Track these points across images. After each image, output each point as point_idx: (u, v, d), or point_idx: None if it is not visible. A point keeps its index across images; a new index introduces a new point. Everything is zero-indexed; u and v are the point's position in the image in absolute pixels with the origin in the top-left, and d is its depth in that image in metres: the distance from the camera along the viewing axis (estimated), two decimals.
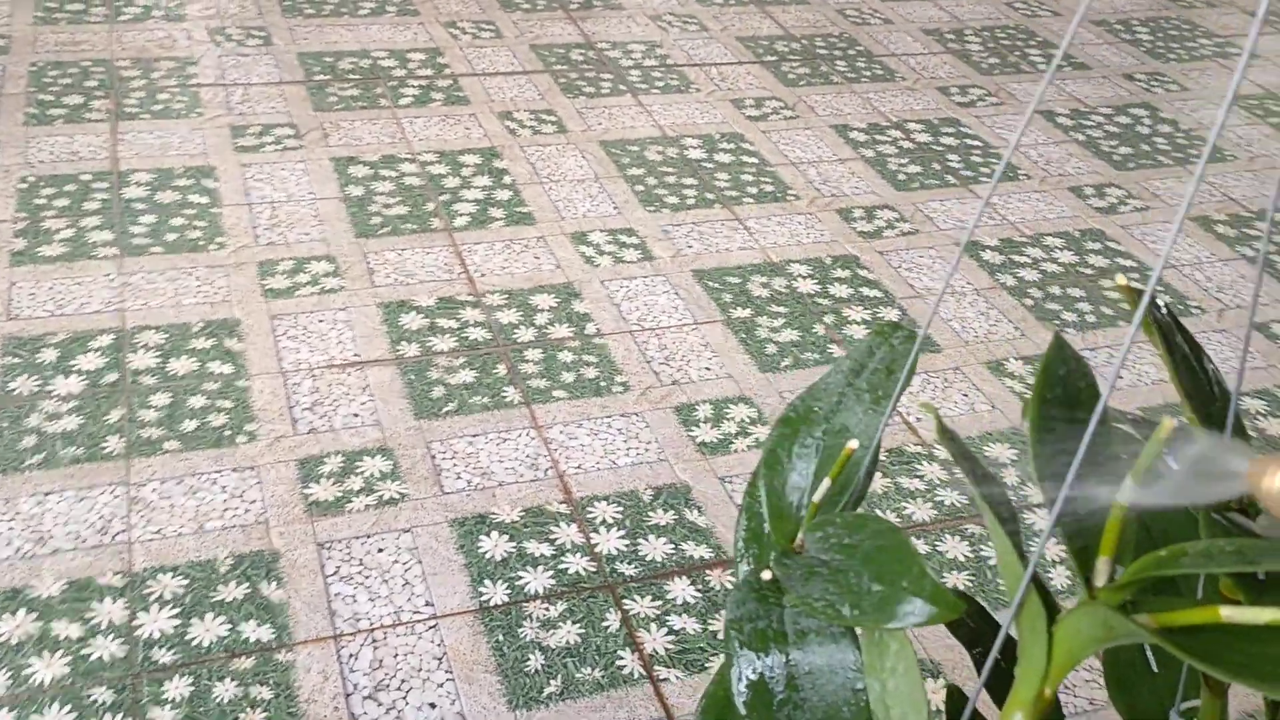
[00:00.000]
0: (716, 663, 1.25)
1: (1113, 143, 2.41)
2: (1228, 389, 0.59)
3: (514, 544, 1.37)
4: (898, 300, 1.85)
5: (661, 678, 1.23)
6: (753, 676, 0.60)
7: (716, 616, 1.30)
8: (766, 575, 0.57)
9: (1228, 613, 0.41)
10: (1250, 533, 0.51)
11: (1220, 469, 0.43)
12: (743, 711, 0.60)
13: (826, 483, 0.60)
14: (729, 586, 1.34)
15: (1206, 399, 0.59)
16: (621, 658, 1.25)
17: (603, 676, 1.23)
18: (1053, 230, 2.07)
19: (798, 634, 0.61)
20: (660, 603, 1.31)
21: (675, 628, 1.29)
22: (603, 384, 1.63)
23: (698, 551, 1.38)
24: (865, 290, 1.87)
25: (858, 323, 1.79)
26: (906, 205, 2.12)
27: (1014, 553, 0.47)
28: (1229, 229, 2.13)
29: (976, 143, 2.36)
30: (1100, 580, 0.46)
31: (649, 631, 1.28)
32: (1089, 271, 1.95)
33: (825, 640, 0.60)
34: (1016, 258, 1.98)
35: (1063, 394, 0.50)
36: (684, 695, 1.21)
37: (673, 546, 1.39)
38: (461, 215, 1.97)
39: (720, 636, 1.28)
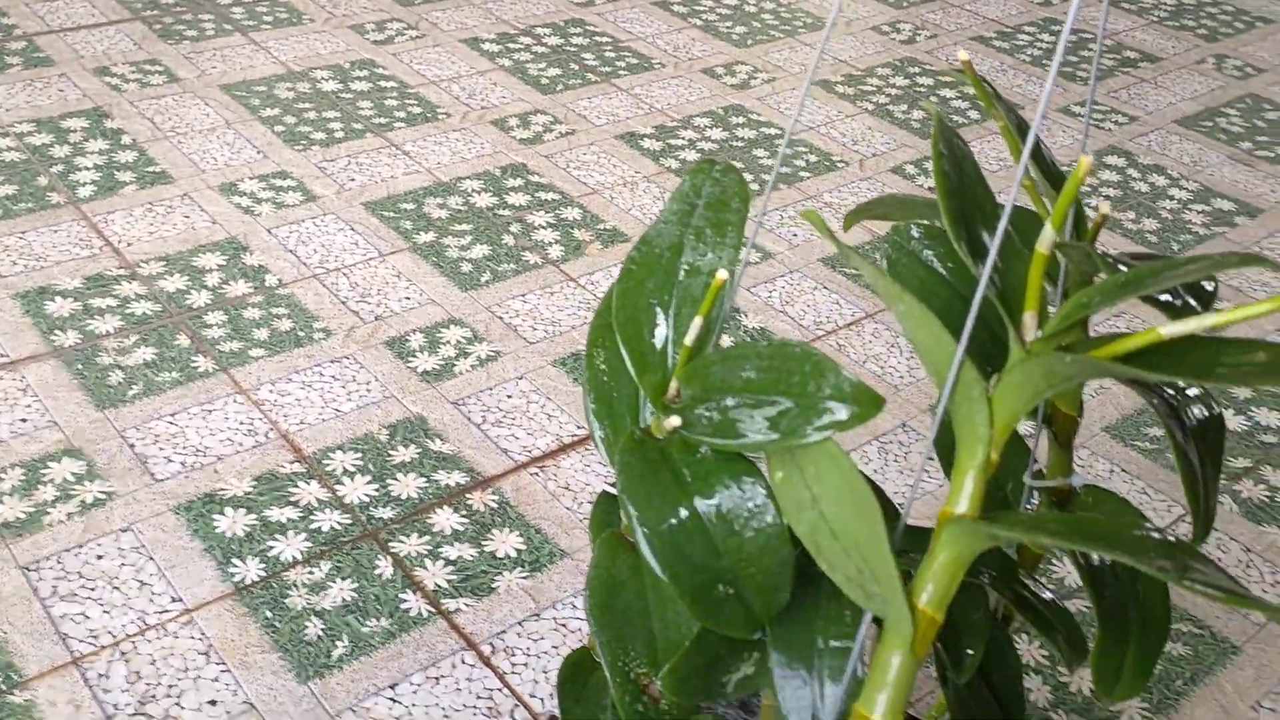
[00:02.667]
0: (503, 581, 1.21)
1: (728, 24, 2.51)
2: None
3: (254, 516, 1.26)
4: (575, 199, 1.85)
5: (452, 610, 1.18)
6: (663, 538, 0.57)
7: (489, 538, 1.26)
8: (673, 421, 0.54)
9: (1167, 330, 0.43)
10: None
11: None
12: (665, 577, 0.57)
13: (698, 321, 0.57)
14: (492, 506, 1.30)
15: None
16: (405, 600, 1.18)
17: (391, 624, 1.16)
18: (698, 111, 2.14)
19: (698, 480, 0.58)
20: (428, 538, 1.25)
21: (451, 558, 1.23)
22: (301, 334, 1.52)
23: (451, 479, 1.33)
24: (542, 195, 1.85)
25: (544, 227, 1.77)
26: (557, 107, 2.11)
27: (945, 332, 0.47)
28: (848, 88, 2.28)
29: (606, 39, 2.38)
30: (1030, 334, 0.47)
31: (425, 568, 1.22)
32: (740, 144, 2.03)
33: (729, 478, 0.58)
34: (674, 141, 2.03)
35: (948, 152, 0.51)
36: (480, 621, 1.17)
37: (425, 480, 1.32)
38: (84, 185, 1.76)
39: (500, 555, 1.24)
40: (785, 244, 1.79)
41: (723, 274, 0.55)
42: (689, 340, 0.57)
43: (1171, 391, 0.61)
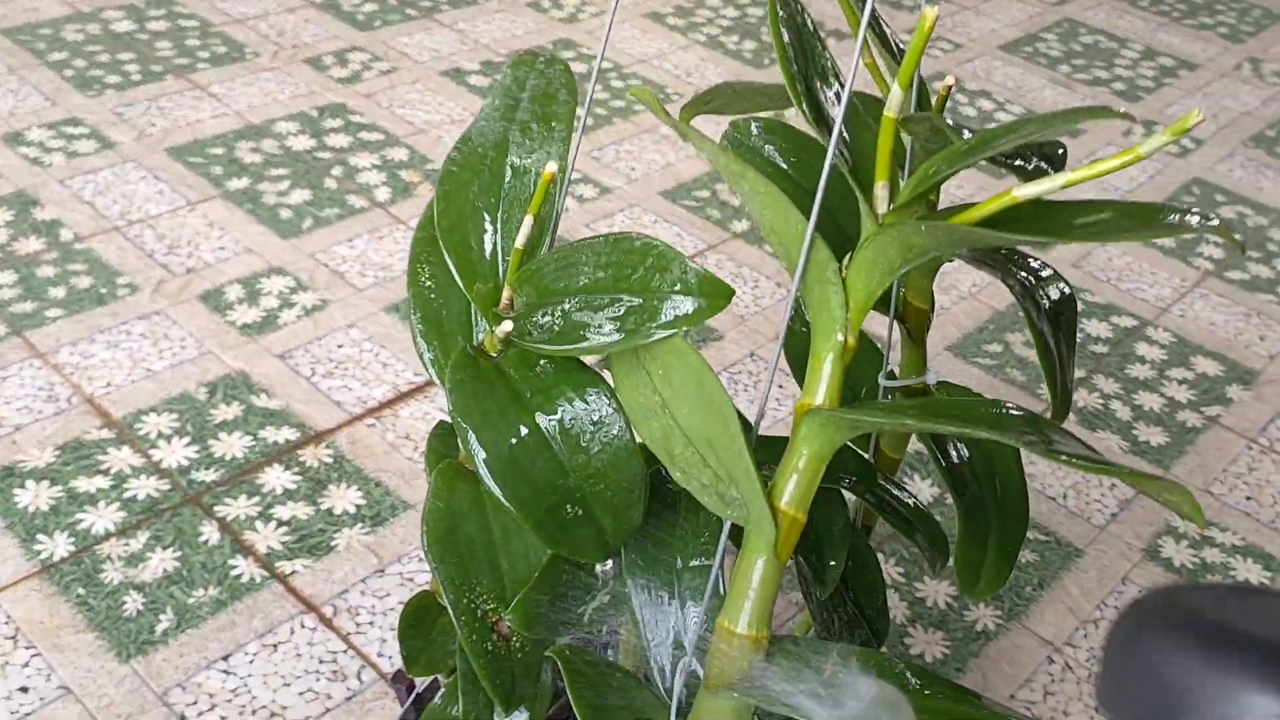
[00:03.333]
0: (342, 539, 1.14)
1: None
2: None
3: (59, 488, 1.15)
4: (401, 139, 1.76)
5: (288, 572, 1.10)
6: (503, 460, 0.52)
7: (325, 494, 1.18)
8: (505, 327, 0.49)
9: (1021, 191, 0.40)
10: None
11: None
12: (506, 501, 0.52)
13: (528, 221, 0.52)
14: (327, 461, 1.22)
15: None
16: (235, 566, 1.10)
17: (220, 593, 1.07)
18: (526, 46, 2.06)
19: (538, 395, 0.53)
20: (258, 499, 1.17)
21: (284, 518, 1.15)
22: (104, 291, 1.40)
23: (280, 435, 1.24)
24: (365, 135, 1.75)
25: (369, 168, 1.68)
26: (376, 44, 2.00)
27: (794, 208, 0.43)
28: (678, 20, 2.24)
29: None
30: (881, 206, 0.43)
31: (256, 531, 1.14)
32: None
33: (571, 390, 0.53)
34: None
35: (785, 12, 0.46)
36: (319, 582, 1.10)
37: (251, 438, 1.23)
38: None
39: (338, 512, 1.17)
40: (623, 178, 1.74)
41: (552, 167, 0.50)
42: (519, 242, 0.52)
43: (1025, 274, 0.59)
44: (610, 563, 0.62)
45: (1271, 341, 1.57)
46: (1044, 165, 0.54)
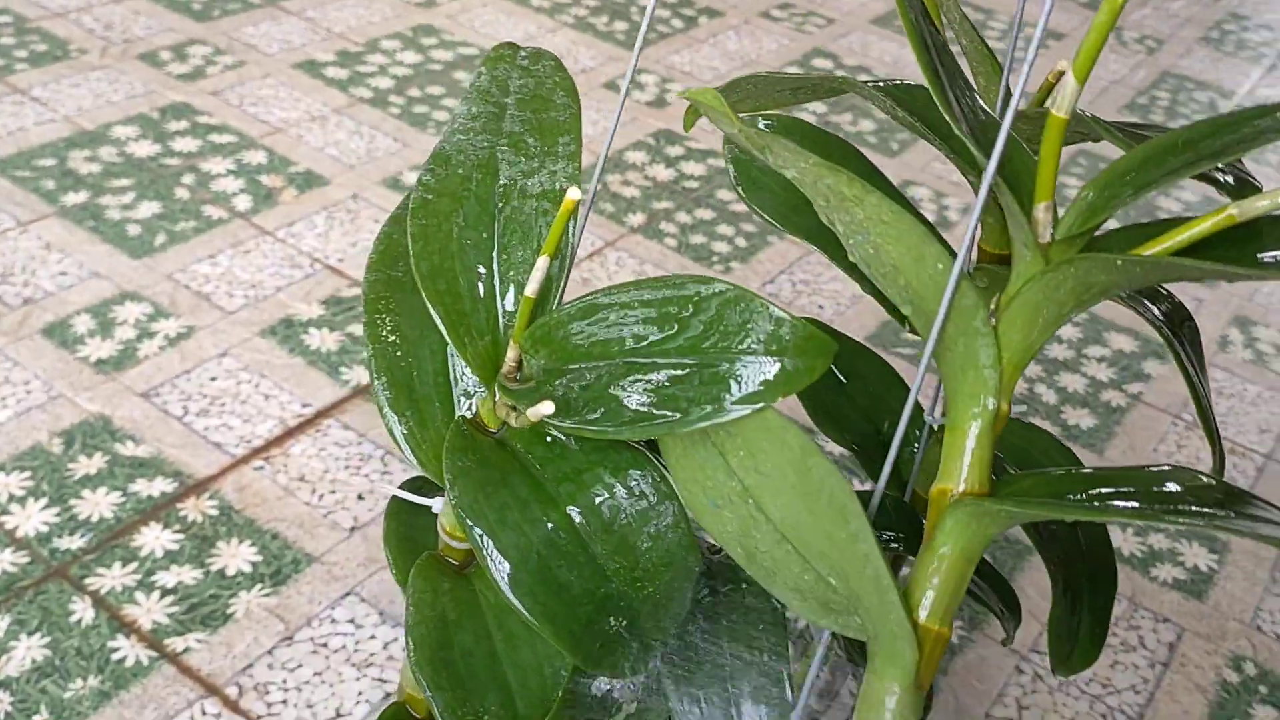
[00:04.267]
0: (239, 604, 1.00)
1: None
2: None
3: None
4: (258, 141, 1.59)
5: (180, 650, 0.96)
6: (529, 569, 0.41)
7: (214, 553, 1.04)
8: (545, 409, 0.38)
9: (1241, 208, 0.31)
10: None
11: None
12: (536, 621, 0.41)
13: (542, 263, 0.41)
14: (212, 514, 1.07)
15: None
16: (117, 648, 0.95)
17: (102, 682, 0.92)
18: (384, 34, 1.91)
19: (565, 480, 0.42)
20: (136, 565, 1.02)
21: (169, 586, 1.00)
22: None
23: (154, 488, 1.09)
24: (215, 138, 1.58)
25: (224, 175, 1.51)
26: (218, 36, 1.82)
27: (932, 239, 0.33)
28: (544, 2, 2.12)
29: None
30: (1045, 233, 0.34)
31: (137, 604, 0.99)
32: (438, 67, 1.83)
33: (609, 474, 0.42)
34: (361, 69, 1.80)
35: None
36: (218, 658, 0.96)
37: (120, 494, 1.08)
38: None
39: (231, 573, 1.02)
40: None
41: (574, 194, 0.39)
42: (530, 290, 0.41)
43: (1167, 306, 0.51)
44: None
45: None
46: (1243, 174, 0.46)
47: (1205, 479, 0.36)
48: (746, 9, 2.20)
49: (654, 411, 0.37)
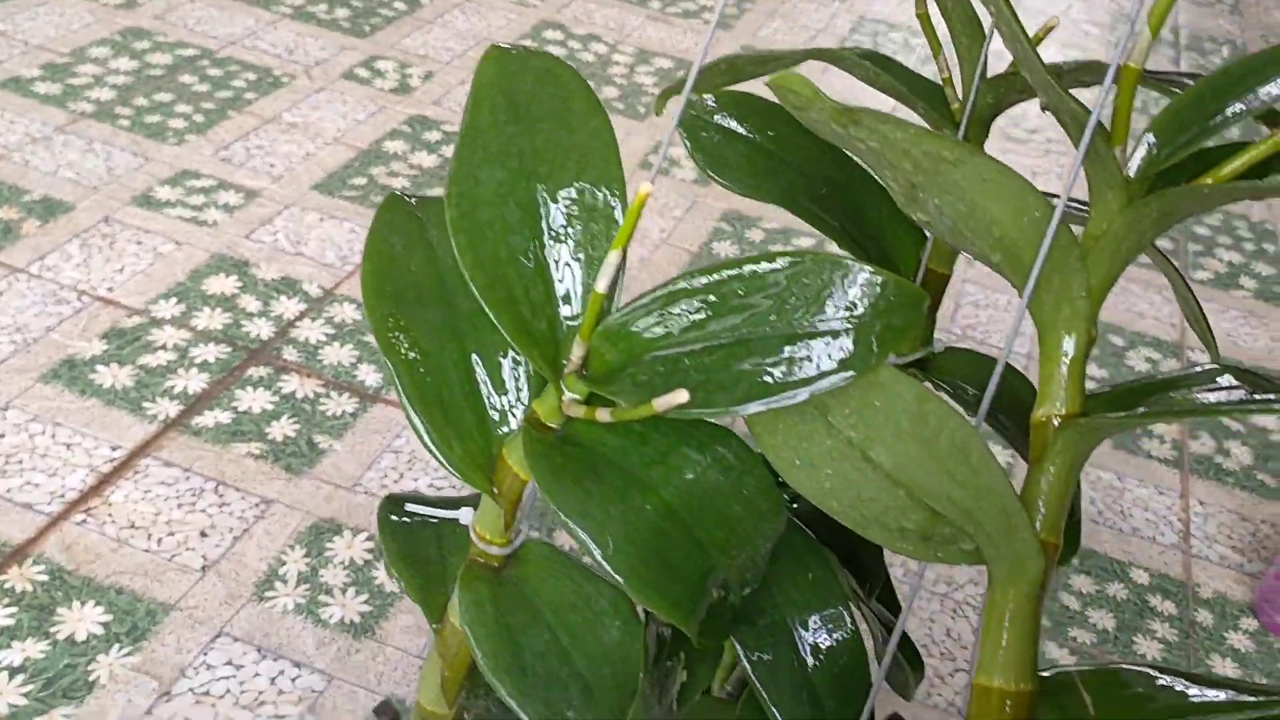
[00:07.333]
0: (100, 669, 0.92)
1: None
2: None
3: None
4: None
5: None
6: (643, 558, 0.42)
7: (57, 621, 0.95)
8: (678, 398, 0.38)
9: None
10: None
11: None
12: (660, 608, 0.42)
13: (613, 257, 0.41)
14: (43, 580, 0.98)
15: None
16: None
17: None
18: (89, 41, 1.76)
19: (654, 464, 0.44)
20: None
21: (16, 664, 0.92)
22: None
23: None
24: None
25: None
26: None
27: (1032, 189, 0.37)
28: None
29: None
30: (1125, 172, 0.38)
31: None
32: (159, 73, 1.71)
33: (695, 450, 0.44)
34: (75, 81, 1.66)
35: None
36: None
37: None
38: None
39: (82, 637, 0.94)
40: (267, 177, 1.54)
41: (647, 186, 0.40)
42: (601, 285, 0.41)
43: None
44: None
45: None
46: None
47: (1245, 370, 0.42)
48: None
49: (768, 383, 0.39)
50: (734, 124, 0.55)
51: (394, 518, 0.57)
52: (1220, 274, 1.73)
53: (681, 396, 0.38)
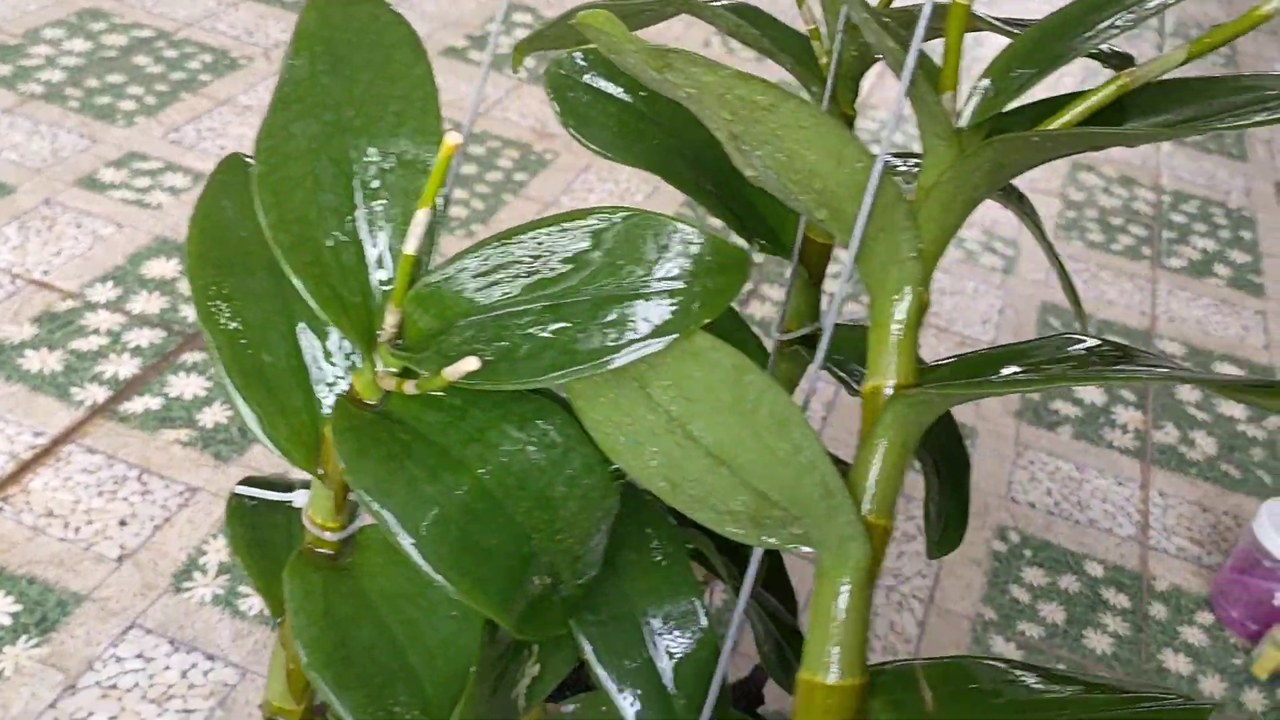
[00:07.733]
0: (6, 661, 0.89)
1: None
2: None
3: None
4: None
5: None
6: (453, 544, 0.39)
7: None
8: (467, 365, 0.35)
9: (1129, 76, 0.33)
10: None
11: None
12: (461, 594, 0.39)
13: (421, 215, 0.38)
14: None
15: None
16: None
17: None
18: (44, 21, 1.73)
19: (470, 442, 0.40)
20: None
21: None
22: None
23: None
24: None
25: None
26: None
27: (852, 139, 0.33)
28: None
29: None
30: (956, 121, 0.34)
31: None
32: (113, 54, 1.68)
33: (515, 428, 0.41)
34: (26, 63, 1.63)
35: None
36: None
37: None
38: None
39: None
40: (216, 160, 1.51)
41: (454, 137, 0.36)
42: (410, 247, 0.38)
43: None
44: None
45: None
46: (1122, 52, 0.48)
47: (1094, 340, 0.39)
48: None
49: (575, 350, 0.36)
50: (604, 83, 0.52)
51: (246, 501, 0.54)
52: (1194, 261, 1.69)
53: (471, 364, 0.34)
